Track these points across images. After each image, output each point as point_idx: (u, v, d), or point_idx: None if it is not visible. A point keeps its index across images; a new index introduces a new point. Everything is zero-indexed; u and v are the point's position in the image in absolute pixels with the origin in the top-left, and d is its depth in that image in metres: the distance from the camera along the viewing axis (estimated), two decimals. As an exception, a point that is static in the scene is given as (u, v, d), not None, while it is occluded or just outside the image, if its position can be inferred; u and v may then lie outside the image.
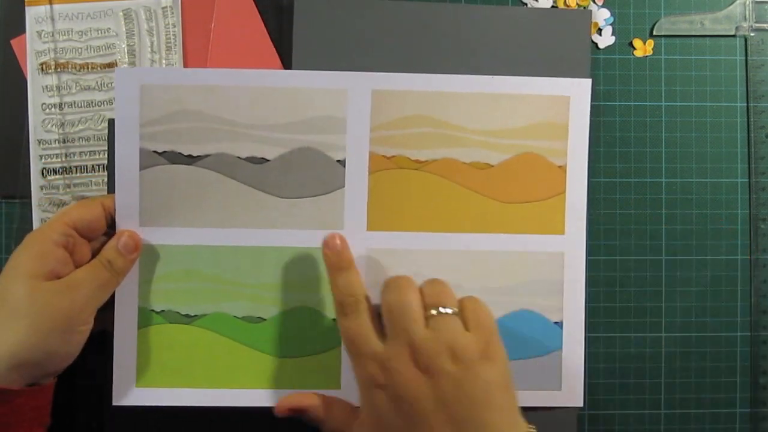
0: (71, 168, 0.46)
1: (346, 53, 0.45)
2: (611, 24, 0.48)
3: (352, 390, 0.39)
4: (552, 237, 0.44)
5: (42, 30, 0.46)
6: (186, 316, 0.43)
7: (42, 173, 0.46)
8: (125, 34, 0.46)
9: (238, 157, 0.43)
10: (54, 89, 0.46)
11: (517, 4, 0.48)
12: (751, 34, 0.48)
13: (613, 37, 0.48)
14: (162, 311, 0.43)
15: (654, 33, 0.48)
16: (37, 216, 0.46)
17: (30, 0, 0.46)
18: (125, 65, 0.46)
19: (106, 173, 0.46)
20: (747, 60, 0.48)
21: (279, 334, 0.43)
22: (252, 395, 0.43)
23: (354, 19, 0.46)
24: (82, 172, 0.46)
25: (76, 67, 0.46)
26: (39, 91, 0.46)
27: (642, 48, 0.48)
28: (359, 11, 0.46)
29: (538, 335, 0.44)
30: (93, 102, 0.46)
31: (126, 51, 0.46)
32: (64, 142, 0.46)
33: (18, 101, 0.46)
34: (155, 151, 0.42)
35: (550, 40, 0.46)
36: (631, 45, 0.48)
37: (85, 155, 0.46)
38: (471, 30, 0.46)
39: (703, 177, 0.48)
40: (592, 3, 0.48)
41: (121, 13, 0.46)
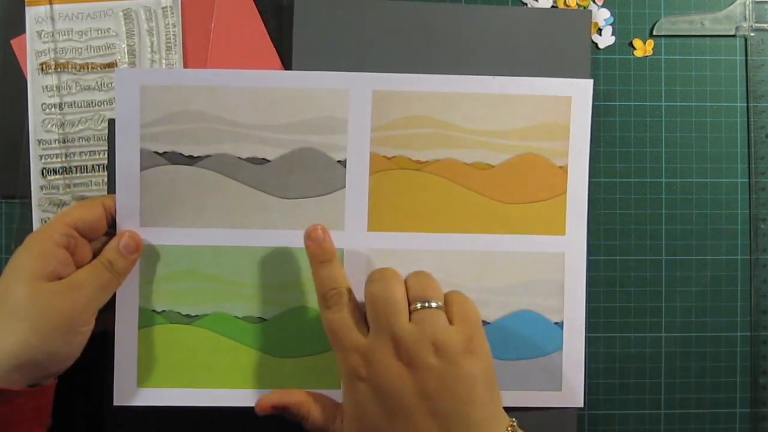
0: (71, 168, 0.46)
1: (346, 53, 0.45)
2: (611, 24, 0.48)
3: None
4: (553, 237, 0.44)
5: (42, 30, 0.46)
6: (187, 316, 0.43)
7: (42, 173, 0.46)
8: (125, 34, 0.46)
9: (238, 158, 0.43)
10: (54, 89, 0.46)
11: (517, 4, 0.48)
12: (751, 34, 0.48)
13: (613, 37, 0.48)
14: (163, 311, 0.43)
15: (654, 33, 0.48)
16: (37, 216, 0.46)
17: (30, 0, 0.46)
18: (125, 65, 0.46)
19: (106, 173, 0.46)
20: (747, 60, 0.48)
21: (279, 334, 0.43)
22: (252, 395, 0.43)
23: (354, 19, 0.46)
24: (82, 172, 0.46)
25: (76, 67, 0.46)
26: (39, 91, 0.46)
27: (642, 48, 0.48)
28: (359, 11, 0.46)
29: (538, 336, 0.44)
30: (93, 102, 0.46)
31: (126, 51, 0.46)
32: (64, 142, 0.46)
33: (18, 101, 0.46)
34: (156, 152, 0.42)
35: (550, 40, 0.46)
36: (631, 45, 0.48)
37: (85, 155, 0.46)
38: (471, 30, 0.46)
39: (703, 177, 0.48)
40: (592, 3, 0.48)
41: (121, 13, 0.46)
